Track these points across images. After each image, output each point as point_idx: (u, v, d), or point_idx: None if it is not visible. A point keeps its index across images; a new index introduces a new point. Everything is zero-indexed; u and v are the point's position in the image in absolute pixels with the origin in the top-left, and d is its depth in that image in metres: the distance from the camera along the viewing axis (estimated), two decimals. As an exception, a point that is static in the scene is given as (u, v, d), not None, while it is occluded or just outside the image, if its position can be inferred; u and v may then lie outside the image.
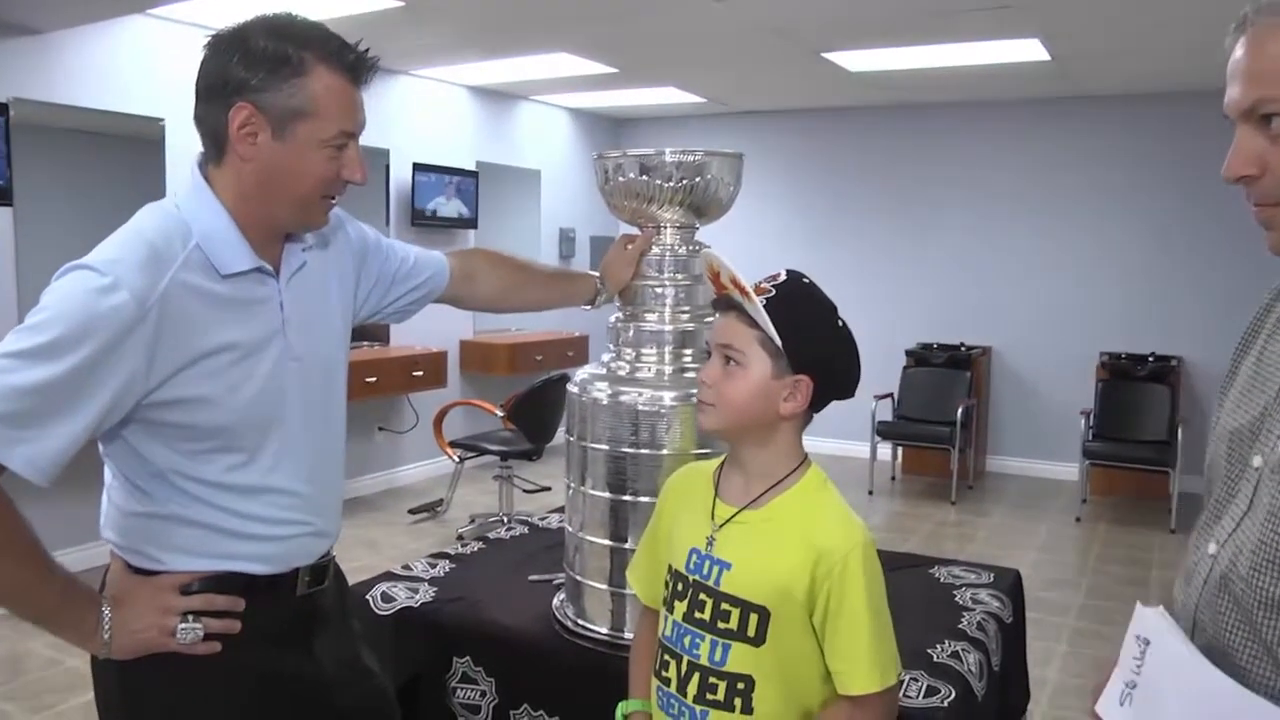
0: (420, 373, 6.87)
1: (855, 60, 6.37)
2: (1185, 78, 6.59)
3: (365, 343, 6.93)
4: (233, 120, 1.42)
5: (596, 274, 2.19)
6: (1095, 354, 7.35)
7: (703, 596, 1.48)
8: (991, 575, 2.53)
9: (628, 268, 2.15)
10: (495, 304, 2.14)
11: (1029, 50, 5.88)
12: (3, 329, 4.45)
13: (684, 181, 2.05)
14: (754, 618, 1.44)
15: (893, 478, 7.75)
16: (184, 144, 5.54)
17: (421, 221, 7.28)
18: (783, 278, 1.50)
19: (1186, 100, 7.09)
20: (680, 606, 1.52)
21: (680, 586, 1.53)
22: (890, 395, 7.57)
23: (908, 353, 7.78)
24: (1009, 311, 7.86)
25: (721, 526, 1.50)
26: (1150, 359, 7.13)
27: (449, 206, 7.52)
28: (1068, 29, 5.40)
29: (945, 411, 7.19)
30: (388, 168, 7.09)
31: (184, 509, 1.47)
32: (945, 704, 1.86)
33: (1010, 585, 2.49)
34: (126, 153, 5.62)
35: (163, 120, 5.51)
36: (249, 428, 1.48)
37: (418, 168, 7.21)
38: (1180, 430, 6.53)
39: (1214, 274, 7.13)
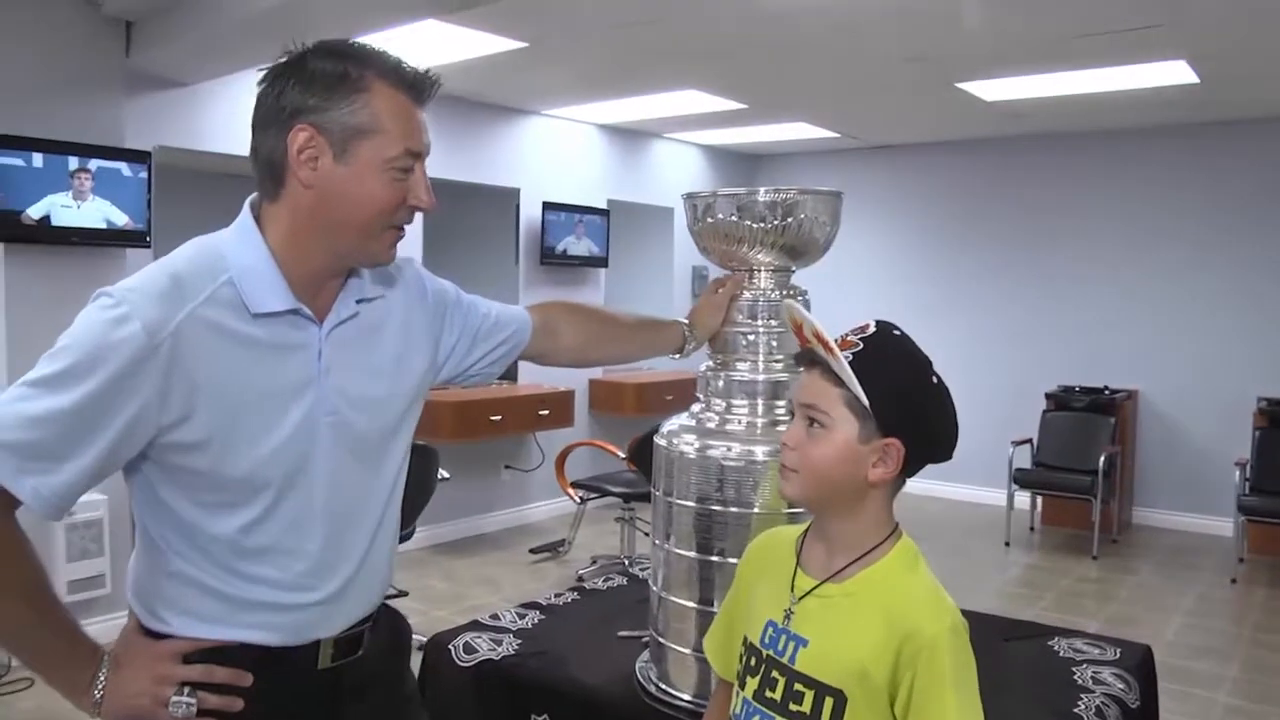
0: (546, 411, 6.87)
1: (991, 89, 6.21)
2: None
3: (494, 381, 6.95)
4: (291, 144, 1.36)
5: (685, 321, 2.08)
6: (1253, 399, 6.90)
7: (775, 674, 1.37)
8: (1118, 651, 2.31)
9: (717, 314, 2.04)
10: (578, 358, 2.02)
11: (1175, 73, 5.61)
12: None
13: (776, 222, 1.94)
14: (829, 702, 1.31)
15: (1031, 529, 7.40)
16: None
17: (551, 260, 7.31)
18: (871, 329, 1.37)
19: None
20: (751, 683, 1.40)
21: (753, 661, 1.41)
22: (1029, 441, 7.25)
23: (1048, 396, 7.45)
24: (1157, 353, 7.46)
25: (801, 599, 1.38)
26: (1315, 405, 6.66)
27: (579, 245, 7.55)
28: (1219, 49, 5.14)
29: (1087, 459, 6.84)
30: (518, 207, 7.15)
31: (193, 569, 1.40)
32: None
33: (1139, 664, 2.25)
34: (260, 195, 5.78)
35: (294, 164, 5.66)
36: (268, 481, 1.40)
37: (547, 206, 7.24)
38: (1350, 485, 6.06)
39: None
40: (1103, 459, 6.73)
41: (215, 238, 1.44)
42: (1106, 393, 7.36)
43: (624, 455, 5.83)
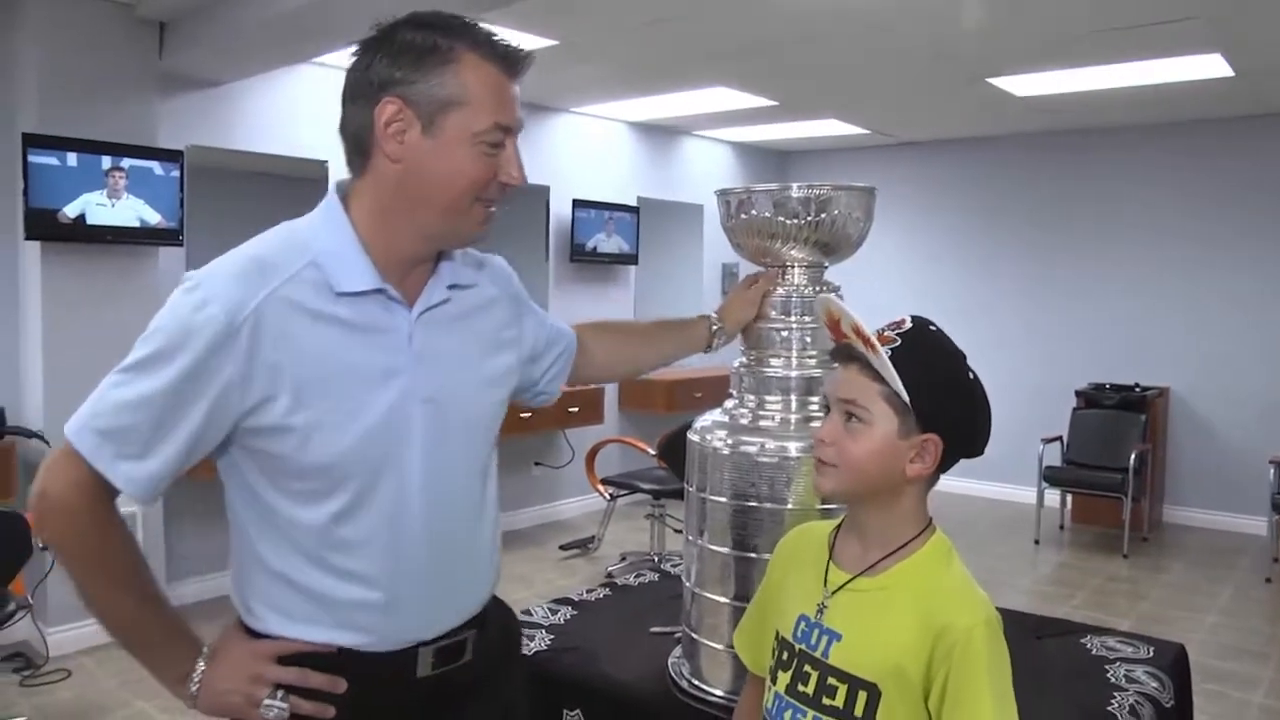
0: (576, 409, 6.88)
1: (1023, 85, 6.18)
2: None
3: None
4: (379, 117, 1.34)
5: (712, 315, 2.05)
6: (1288, 396, 6.85)
7: (808, 668, 1.37)
8: (1151, 650, 2.29)
9: (749, 308, 2.03)
10: (611, 372, 2.00)
11: (1210, 66, 5.57)
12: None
13: (810, 218, 1.94)
14: (862, 696, 1.31)
15: (1061, 526, 7.36)
16: (346, 182, 5.78)
17: (581, 258, 7.33)
18: (908, 325, 1.37)
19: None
20: (784, 677, 1.41)
21: (785, 655, 1.42)
22: (1059, 438, 7.20)
23: (1078, 393, 7.40)
24: (1188, 350, 7.40)
25: (834, 593, 1.38)
26: (1352, 404, 6.59)
27: (609, 243, 7.55)
28: (1254, 41, 5.09)
29: (1118, 457, 6.79)
30: (547, 204, 7.16)
31: (282, 563, 1.38)
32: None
33: (1172, 663, 2.23)
34: (291, 193, 5.81)
35: (327, 161, 5.73)
36: (357, 468, 1.36)
37: (577, 204, 7.26)
38: (1387, 483, 5.98)
39: None
40: (1133, 457, 6.67)
41: (299, 221, 1.43)
42: (1137, 390, 7.30)
43: (654, 452, 5.84)
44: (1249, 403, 7.15)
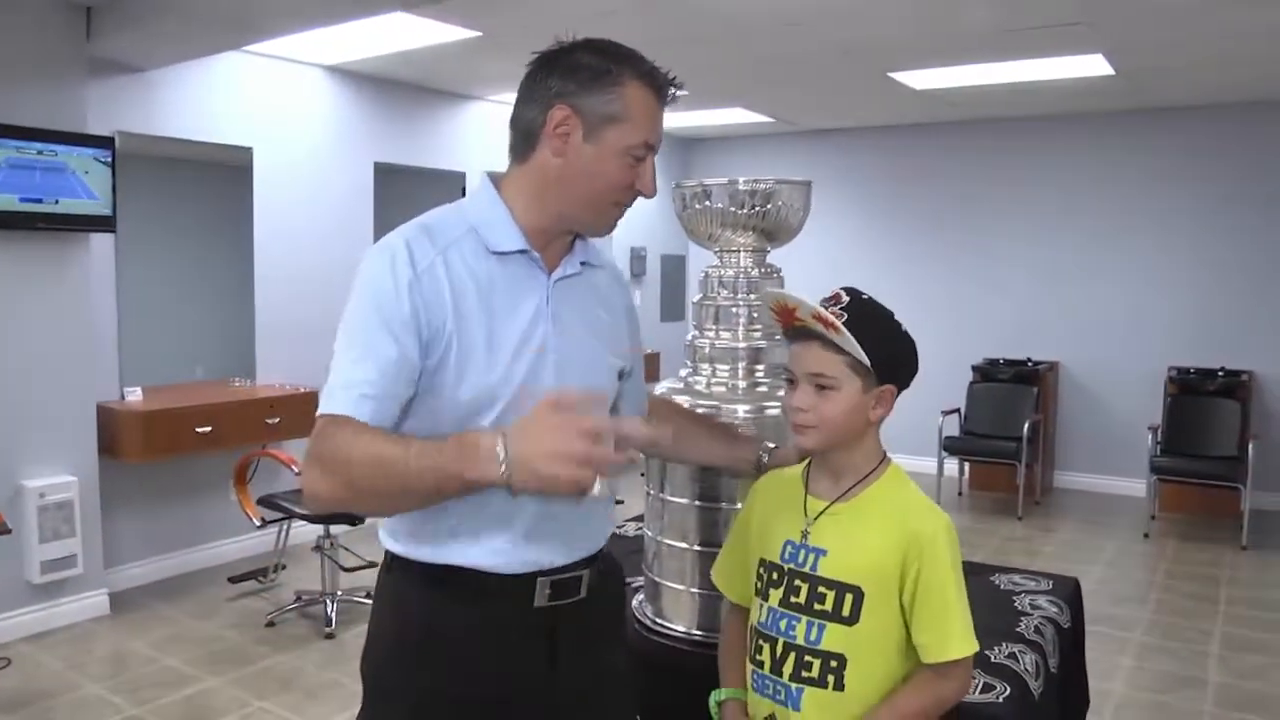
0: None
1: (920, 79, 6.48)
2: (1253, 88, 6.64)
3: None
4: (551, 119, 1.57)
5: (765, 443, 1.99)
6: (1163, 369, 7.34)
7: (798, 582, 1.63)
8: (1050, 583, 2.63)
9: None
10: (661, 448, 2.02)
11: (1093, 65, 5.94)
12: (107, 346, 4.74)
13: (756, 209, 2.19)
14: (849, 598, 1.58)
15: (960, 493, 7.79)
16: (271, 168, 5.89)
17: (496, 242, 7.43)
18: (845, 299, 1.62)
19: (1255, 110, 7.11)
20: (775, 594, 1.66)
21: (775, 576, 1.67)
22: (957, 411, 7.61)
23: (974, 368, 7.83)
24: (1076, 327, 7.87)
25: (815, 519, 1.65)
26: (1220, 373, 7.09)
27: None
28: (1132, 44, 5.46)
29: (1012, 427, 7.23)
30: (464, 190, 7.27)
31: None
32: (1000, 700, 1.97)
33: (1069, 593, 2.58)
34: (218, 179, 5.90)
35: (251, 148, 5.81)
36: (496, 403, 1.55)
37: (495, 190, 7.34)
38: (1251, 446, 6.49)
39: (1285, 288, 7.09)
40: (1026, 426, 7.11)
41: (461, 200, 1.69)
42: (1029, 364, 7.74)
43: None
44: (1129, 376, 7.63)
